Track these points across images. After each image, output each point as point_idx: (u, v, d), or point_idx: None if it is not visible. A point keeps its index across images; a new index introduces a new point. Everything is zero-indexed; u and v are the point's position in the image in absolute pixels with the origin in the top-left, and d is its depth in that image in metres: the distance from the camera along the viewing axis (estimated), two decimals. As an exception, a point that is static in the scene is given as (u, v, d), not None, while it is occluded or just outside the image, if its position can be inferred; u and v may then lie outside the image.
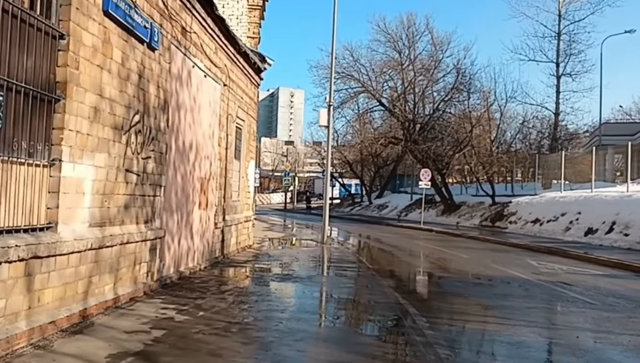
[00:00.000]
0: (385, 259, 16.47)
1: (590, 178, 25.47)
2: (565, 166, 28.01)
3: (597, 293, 10.29)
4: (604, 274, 13.00)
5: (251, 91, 14.76)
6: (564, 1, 38.24)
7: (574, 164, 30.55)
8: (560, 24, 38.18)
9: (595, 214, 20.97)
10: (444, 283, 11.83)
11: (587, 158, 31.84)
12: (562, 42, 38.59)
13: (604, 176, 30.72)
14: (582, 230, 21.07)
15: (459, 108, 36.12)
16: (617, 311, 8.71)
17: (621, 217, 19.47)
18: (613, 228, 19.48)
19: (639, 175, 26.75)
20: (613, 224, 19.62)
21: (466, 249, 18.55)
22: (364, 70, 38.16)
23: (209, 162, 11.04)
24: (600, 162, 30.28)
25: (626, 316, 8.43)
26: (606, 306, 9.11)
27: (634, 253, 16.25)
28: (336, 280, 11.06)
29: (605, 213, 20.39)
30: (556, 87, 38.73)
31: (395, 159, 46.97)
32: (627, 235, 18.56)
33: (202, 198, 10.67)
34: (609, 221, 19.85)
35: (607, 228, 19.75)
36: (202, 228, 10.74)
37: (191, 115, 9.77)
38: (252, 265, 12.19)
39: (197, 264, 10.49)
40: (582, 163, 31.22)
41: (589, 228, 20.78)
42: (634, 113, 54.91)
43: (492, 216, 29.53)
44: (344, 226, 31.48)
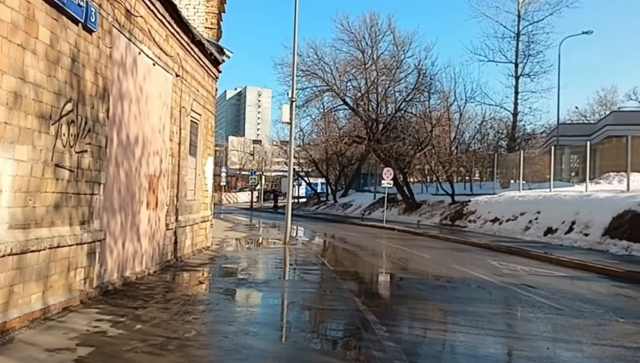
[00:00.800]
0: (348, 260, 15.82)
1: (547, 178, 25.42)
2: (523, 166, 27.90)
3: (563, 297, 9.80)
4: (567, 275, 12.57)
5: (209, 84, 13.90)
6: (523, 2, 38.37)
7: (531, 164, 30.71)
8: (519, 24, 38.30)
9: (554, 213, 20.67)
10: (405, 285, 11.29)
11: (543, 158, 32.33)
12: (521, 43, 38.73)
13: (561, 175, 31.02)
14: (542, 229, 20.73)
15: (420, 108, 36.03)
16: (585, 318, 8.19)
17: (581, 217, 19.16)
18: (573, 228, 19.14)
19: (596, 175, 26.84)
20: (573, 224, 19.27)
21: (427, 248, 18.11)
22: (328, 68, 37.66)
23: (159, 158, 10.17)
24: (557, 162, 30.52)
25: (596, 323, 7.90)
26: (574, 312, 8.59)
27: (594, 254, 15.94)
28: (295, 285, 10.34)
29: (564, 213, 20.06)
30: (515, 87, 38.89)
31: (359, 159, 46.55)
32: (587, 234, 18.23)
33: (151, 197, 9.80)
34: (569, 221, 19.50)
35: (567, 227, 19.42)
36: (151, 229, 9.86)
37: (137, 106, 8.90)
38: (206, 269, 11.34)
39: (146, 268, 9.62)
40: (539, 163, 31.60)
41: (548, 227, 20.44)
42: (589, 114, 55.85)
43: (452, 215, 29.31)
44: (309, 225, 30.78)
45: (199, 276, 10.43)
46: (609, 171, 26.25)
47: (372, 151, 35.50)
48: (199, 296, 8.42)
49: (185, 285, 9.44)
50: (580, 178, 27.87)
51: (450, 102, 34.60)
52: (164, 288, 8.68)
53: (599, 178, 26.31)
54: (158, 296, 8.03)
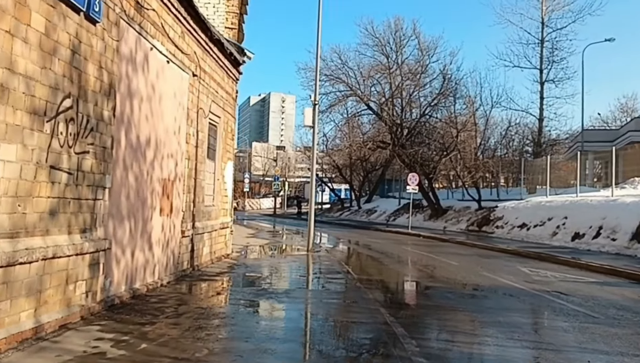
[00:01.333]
0: (373, 267, 14.97)
1: (571, 183, 25.34)
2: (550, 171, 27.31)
3: (597, 304, 9.28)
4: (598, 281, 12.11)
5: (228, 85, 13.23)
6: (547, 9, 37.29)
7: (556, 169, 30.39)
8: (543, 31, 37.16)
9: (581, 218, 20.40)
10: (433, 294, 10.51)
11: (567, 163, 31.93)
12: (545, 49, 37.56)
13: (585, 181, 30.34)
14: (569, 234, 20.45)
15: (445, 113, 35.06)
16: (623, 327, 7.62)
17: (608, 221, 18.84)
18: (600, 233, 18.85)
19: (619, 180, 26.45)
20: (600, 228, 19.00)
21: (454, 255, 17.48)
22: (352, 73, 36.74)
23: (174, 161, 9.49)
24: (582, 167, 30.00)
25: (635, 332, 7.34)
26: (610, 320, 8.06)
27: (623, 258, 15.51)
28: (318, 295, 9.54)
29: (591, 218, 19.79)
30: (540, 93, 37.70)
31: (383, 164, 45.61)
32: (615, 239, 17.92)
33: (165, 203, 9.12)
34: (596, 226, 19.24)
35: (594, 232, 19.12)
36: (164, 237, 9.17)
37: (149, 105, 8.23)
38: (225, 278, 10.61)
39: (159, 279, 8.92)
40: (563, 168, 31.30)
41: (575, 232, 20.18)
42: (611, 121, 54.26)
43: (478, 221, 28.78)
44: (333, 231, 30.00)
45: (216, 286, 9.70)
46: (633, 176, 26.09)
47: (397, 157, 34.60)
48: (215, 309, 7.68)
49: (201, 297, 8.71)
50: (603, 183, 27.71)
51: (476, 107, 33.66)
52: (176, 301, 7.95)
53: (623, 183, 25.96)
54: (169, 310, 7.31)
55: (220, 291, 9.24)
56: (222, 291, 9.34)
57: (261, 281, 10.54)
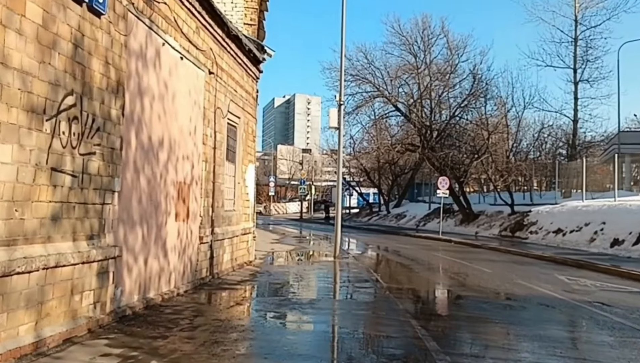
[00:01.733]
0: (403, 275, 14.40)
1: (606, 187, 24.65)
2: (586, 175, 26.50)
3: None
4: None
5: (248, 84, 12.86)
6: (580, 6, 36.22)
7: (591, 173, 29.43)
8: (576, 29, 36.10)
9: (620, 224, 19.63)
10: (467, 304, 9.98)
11: (602, 166, 31.07)
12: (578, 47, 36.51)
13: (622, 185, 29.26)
14: (608, 240, 19.66)
15: (475, 115, 34.23)
16: None
17: None
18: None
19: None
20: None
21: (488, 262, 16.84)
22: (378, 73, 36.01)
23: (190, 164, 9.12)
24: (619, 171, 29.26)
25: None
26: None
27: None
28: (345, 306, 9.05)
29: (631, 223, 19.03)
30: (574, 93, 36.66)
31: (412, 167, 44.81)
32: None
33: (181, 207, 8.75)
34: (636, 232, 18.48)
35: (635, 238, 18.36)
36: (181, 243, 8.80)
37: (161, 104, 7.87)
38: (246, 287, 10.19)
39: (175, 288, 8.54)
40: (598, 171, 30.78)
41: (614, 238, 19.39)
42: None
43: (511, 226, 28.03)
44: (361, 236, 29.47)
45: (236, 296, 9.28)
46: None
47: (427, 160, 33.87)
48: (233, 320, 7.25)
49: (219, 307, 8.30)
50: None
51: (507, 108, 32.72)
52: (193, 312, 7.56)
53: (663, 186, 24.91)
54: (184, 321, 6.91)
55: (240, 302, 8.81)
56: (242, 301, 8.91)
57: (285, 290, 10.11)
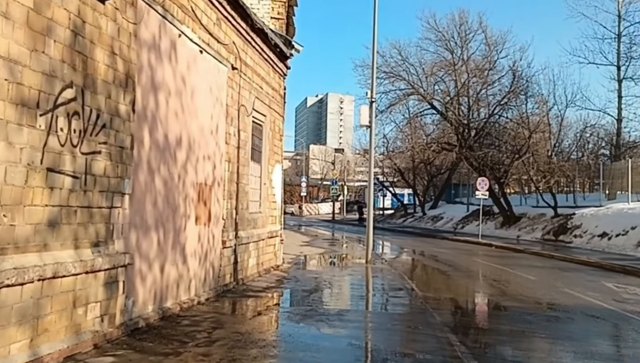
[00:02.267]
0: (440, 283, 13.64)
1: None
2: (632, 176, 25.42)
3: None
4: None
5: (274, 81, 12.33)
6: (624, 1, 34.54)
7: (636, 173, 27.88)
8: (620, 25, 34.35)
9: None
10: (510, 316, 9.24)
11: None
12: (622, 44, 34.71)
13: None
14: None
15: (515, 113, 32.98)
16: None
17: None
18: None
19: None
20: None
21: (531, 268, 16.01)
22: (413, 70, 35.00)
23: (212, 164, 8.63)
24: None
25: None
26: None
27: None
28: (375, 319, 8.42)
29: None
30: (618, 91, 34.97)
31: (449, 168, 43.65)
32: None
33: (201, 210, 8.25)
34: None
35: None
36: (202, 248, 8.31)
37: (178, 100, 7.38)
38: (271, 295, 9.64)
39: (195, 296, 8.05)
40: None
41: None
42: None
43: (555, 229, 27.06)
44: (396, 239, 28.69)
45: (260, 304, 8.73)
46: None
47: (464, 159, 32.80)
48: (254, 334, 6.69)
49: (241, 318, 7.76)
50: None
51: (549, 106, 31.41)
52: (212, 323, 7.03)
53: None
54: (202, 335, 6.39)
55: (263, 311, 8.25)
56: (266, 310, 8.35)
57: (312, 298, 9.52)
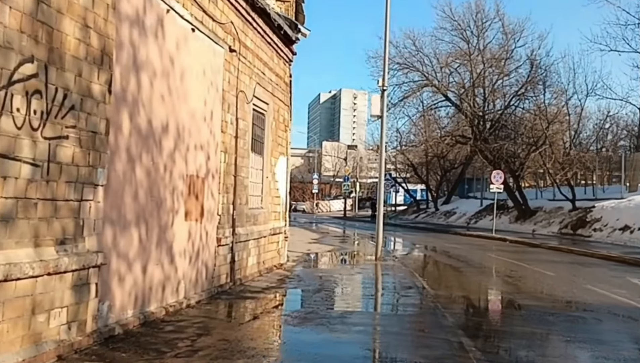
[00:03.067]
0: (452, 280, 12.97)
1: None
2: None
3: None
4: None
5: (279, 67, 11.66)
6: (648, -15, 33.39)
7: None
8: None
9: None
10: (530, 317, 8.49)
11: None
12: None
13: None
14: None
15: (532, 103, 32.07)
16: None
17: None
18: None
19: None
20: None
21: (549, 263, 15.35)
22: (427, 61, 34.16)
23: (205, 154, 7.99)
24: None
25: None
26: None
27: None
28: (383, 322, 7.76)
29: None
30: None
31: (463, 162, 42.90)
32: None
33: (192, 204, 7.63)
34: None
35: None
36: (193, 246, 7.69)
37: (165, 82, 6.75)
38: (271, 296, 8.99)
39: (185, 298, 7.43)
40: None
41: None
42: None
43: (573, 223, 26.45)
44: (408, 235, 28.04)
45: (257, 307, 8.09)
46: None
47: (479, 152, 32.00)
48: (244, 341, 6.04)
49: (232, 323, 7.15)
50: None
51: (568, 96, 30.47)
52: (198, 329, 6.40)
53: None
54: (184, 343, 5.75)
55: (258, 314, 7.60)
56: (262, 314, 7.70)
57: (314, 299, 8.88)
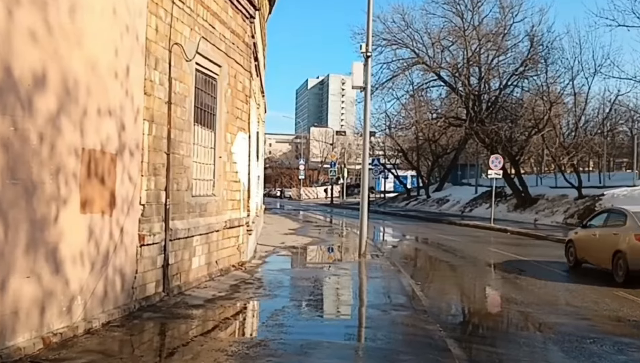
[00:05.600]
0: (450, 284, 10.96)
1: None
2: None
3: None
4: None
5: (235, 22, 9.57)
6: (659, -47, 31.45)
7: None
8: (656, -20, 31.33)
9: None
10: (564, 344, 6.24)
11: None
12: (657, 2, 31.72)
13: None
14: None
15: (533, 83, 30.09)
16: None
17: None
18: None
19: None
20: None
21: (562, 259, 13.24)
22: (418, 37, 31.76)
23: (117, 122, 5.94)
24: None
25: None
26: None
27: None
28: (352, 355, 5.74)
29: None
30: (652, 56, 32.07)
31: (456, 147, 40.93)
32: None
33: (96, 191, 5.59)
34: None
35: None
36: (97, 248, 5.66)
37: (40, 14, 4.68)
38: (212, 312, 6.88)
39: (82, 320, 5.41)
40: None
41: None
42: None
43: (579, 212, 24.47)
44: (397, 224, 26.16)
45: (186, 331, 6.03)
46: None
47: (475, 135, 29.98)
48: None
49: (134, 359, 5.12)
50: None
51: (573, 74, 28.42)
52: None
53: None
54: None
55: (182, 346, 5.51)
56: (188, 344, 5.55)
57: (269, 321, 6.74)
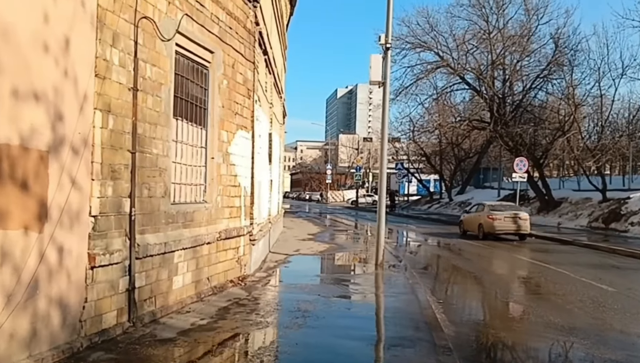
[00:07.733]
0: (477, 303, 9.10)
1: None
2: None
3: None
4: None
5: (234, 4, 7.84)
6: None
7: None
8: (684, -19, 28.78)
9: None
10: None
11: None
12: (684, 3, 29.14)
13: None
14: None
15: (557, 86, 27.93)
16: None
17: None
18: None
19: None
20: None
21: (595, 269, 11.64)
22: (442, 39, 29.77)
23: (49, 109, 4.30)
24: None
25: None
26: None
27: None
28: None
29: None
30: (678, 58, 29.49)
31: (478, 151, 38.82)
32: None
33: (12, 200, 3.96)
34: None
35: None
36: (14, 276, 4.01)
37: None
38: (182, 351, 5.22)
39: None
40: None
41: None
42: None
43: (604, 216, 22.96)
44: (420, 228, 24.27)
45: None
46: None
47: (499, 138, 27.99)
48: None
49: None
50: None
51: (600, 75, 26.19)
52: None
53: None
54: None
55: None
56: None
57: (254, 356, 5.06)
